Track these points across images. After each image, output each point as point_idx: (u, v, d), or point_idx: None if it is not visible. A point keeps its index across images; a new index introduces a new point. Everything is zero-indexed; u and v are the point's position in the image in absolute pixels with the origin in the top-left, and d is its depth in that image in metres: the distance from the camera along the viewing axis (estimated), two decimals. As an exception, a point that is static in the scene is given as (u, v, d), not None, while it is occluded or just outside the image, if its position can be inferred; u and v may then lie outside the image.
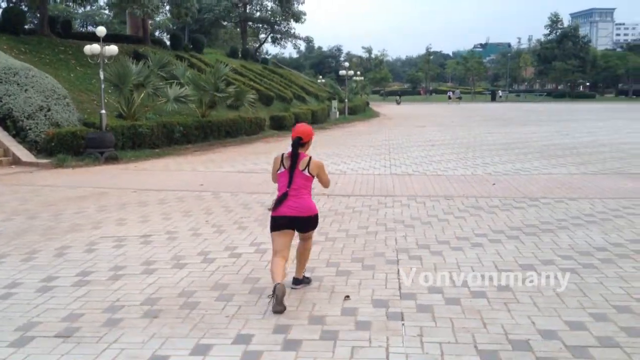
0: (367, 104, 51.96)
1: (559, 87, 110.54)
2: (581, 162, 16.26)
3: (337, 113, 38.42)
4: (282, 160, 5.74)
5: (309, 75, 73.01)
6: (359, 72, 46.88)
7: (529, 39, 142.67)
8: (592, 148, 19.99)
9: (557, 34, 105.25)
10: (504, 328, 4.89)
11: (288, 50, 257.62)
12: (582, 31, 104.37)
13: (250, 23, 50.16)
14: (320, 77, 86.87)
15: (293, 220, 5.69)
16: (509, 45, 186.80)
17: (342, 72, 42.90)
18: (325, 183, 5.94)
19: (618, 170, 14.63)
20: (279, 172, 5.78)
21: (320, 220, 8.20)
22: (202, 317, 5.25)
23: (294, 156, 5.67)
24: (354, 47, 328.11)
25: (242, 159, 17.54)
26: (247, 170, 15.10)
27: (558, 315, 5.16)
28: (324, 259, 7.08)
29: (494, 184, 12.43)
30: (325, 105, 37.81)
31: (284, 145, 21.88)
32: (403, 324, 5.02)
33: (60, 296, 5.85)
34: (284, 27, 52.24)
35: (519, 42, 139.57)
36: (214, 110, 23.99)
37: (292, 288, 5.92)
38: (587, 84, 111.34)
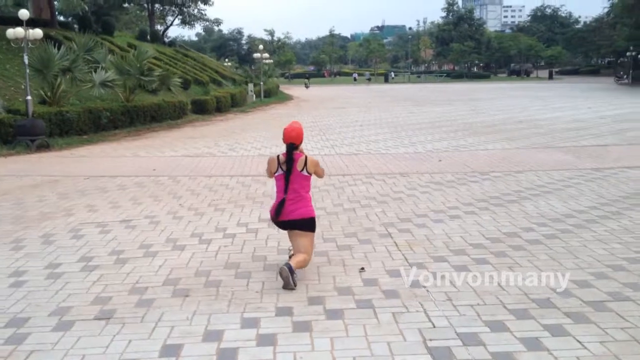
0: (278, 87, 52.05)
1: (456, 68, 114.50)
2: (508, 137, 17.19)
3: (254, 96, 38.39)
4: (279, 163, 5.84)
5: (212, 58, 72.17)
6: (267, 55, 46.75)
7: (424, 22, 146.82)
8: (511, 125, 21.09)
9: (454, 16, 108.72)
10: (521, 289, 5.32)
11: (186, 32, 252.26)
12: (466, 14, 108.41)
13: (157, 5, 48.96)
14: (226, 60, 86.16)
15: (290, 224, 5.83)
16: (404, 27, 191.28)
17: (257, 55, 42.87)
18: (321, 175, 6.12)
19: (545, 144, 15.61)
20: (276, 174, 5.88)
21: None
22: (232, 294, 5.39)
23: (290, 160, 5.78)
24: (257, 30, 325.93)
25: (181, 143, 17.38)
26: (193, 155, 15.03)
27: (563, 276, 5.64)
28: (317, 233, 7.30)
29: (440, 161, 13.00)
30: (243, 88, 37.66)
31: (214, 129, 21.82)
32: (428, 290, 5.36)
33: (75, 281, 5.83)
34: (193, 9, 51.35)
35: (418, 24, 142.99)
36: (134, 95, 23.47)
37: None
38: (481, 64, 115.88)
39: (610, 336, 4.32)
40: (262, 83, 41.01)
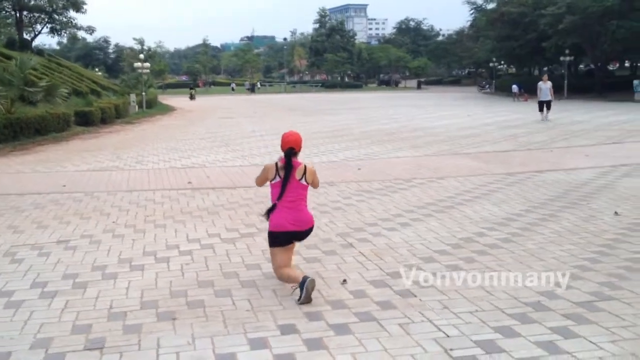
0: (157, 97, 50.64)
1: (328, 78, 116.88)
2: (412, 145, 17.70)
3: (137, 107, 37.15)
4: (277, 170, 5.63)
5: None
6: (147, 64, 45.42)
7: (294, 33, 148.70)
8: (408, 133, 21.75)
9: (326, 28, 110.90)
10: (509, 293, 5.48)
11: (47, 41, 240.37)
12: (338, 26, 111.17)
13: (25, 12, 46.21)
14: (97, 70, 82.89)
15: (294, 236, 5.67)
16: (274, 38, 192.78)
17: (137, 64, 41.52)
18: (316, 186, 5.93)
19: (450, 151, 16.22)
20: (273, 181, 5.67)
21: (240, 211, 8.34)
22: (223, 314, 5.17)
23: (289, 167, 5.60)
24: (123, 38, 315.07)
25: (78, 157, 16.46)
26: (99, 169, 14.28)
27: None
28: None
29: (359, 169, 13.16)
30: (125, 99, 36.29)
31: (107, 142, 20.86)
32: (421, 299, 5.39)
33: (39, 309, 5.36)
34: (64, 17, 48.87)
35: (292, 35, 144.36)
36: (14, 107, 21.95)
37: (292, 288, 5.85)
38: (352, 74, 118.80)
39: (618, 335, 4.52)
40: (144, 94, 39.73)
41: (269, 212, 5.69)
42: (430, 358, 4.26)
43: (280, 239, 5.63)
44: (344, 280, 5.95)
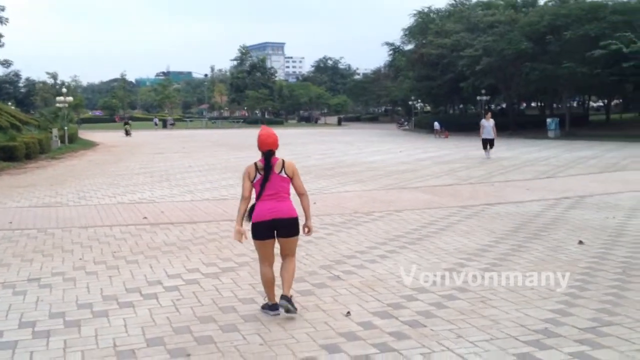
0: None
1: (246, 114, 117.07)
2: (357, 180, 17.90)
3: (59, 142, 35.98)
4: (257, 169, 5.72)
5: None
6: (70, 98, 44.23)
7: (212, 69, 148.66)
8: (347, 168, 21.99)
9: (247, 65, 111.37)
10: (514, 321, 5.61)
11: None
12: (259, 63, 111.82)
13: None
14: (9, 103, 79.84)
15: (275, 224, 5.68)
16: (191, 73, 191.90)
17: (60, 98, 40.38)
18: (300, 187, 5.91)
19: (397, 185, 16.51)
20: (255, 180, 5.73)
21: (210, 245, 8.24)
22: (237, 349, 5.07)
23: (267, 166, 5.70)
24: (34, 72, 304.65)
25: (15, 193, 15.76)
26: (42, 205, 13.72)
27: (549, 297, 6.05)
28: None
29: (314, 203, 13.16)
30: (47, 133, 35.08)
31: (38, 178, 20.06)
32: (431, 329, 5.45)
33: (39, 350, 5.11)
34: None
35: (211, 71, 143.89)
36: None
37: (274, 315, 5.84)
38: (272, 111, 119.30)
39: (637, 359, 4.70)
40: (65, 128, 38.58)
41: (251, 211, 5.73)
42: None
43: (260, 230, 5.69)
44: (348, 313, 5.92)
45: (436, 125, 49.72)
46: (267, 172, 5.69)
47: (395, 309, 6.02)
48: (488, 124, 25.14)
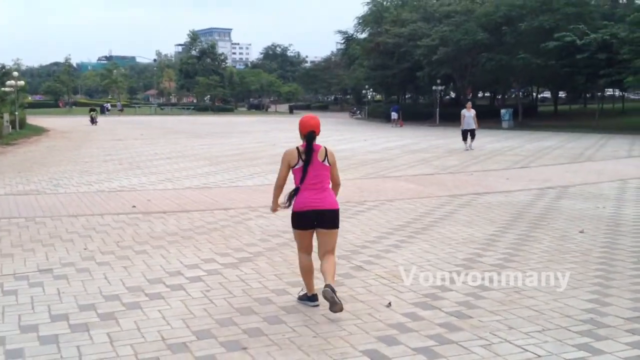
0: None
1: (194, 101, 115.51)
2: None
3: (10, 127, 34.79)
4: (299, 154, 5.54)
5: None
6: (22, 82, 42.70)
7: (158, 54, 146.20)
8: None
9: (197, 50, 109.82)
10: (559, 312, 5.67)
11: None
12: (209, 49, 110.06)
13: None
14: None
15: (317, 215, 5.53)
16: (134, 58, 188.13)
17: (10, 82, 38.95)
18: (337, 177, 5.80)
19: (379, 174, 16.53)
20: (296, 166, 5.56)
21: (215, 234, 8.10)
22: (292, 341, 4.96)
23: (309, 149, 5.53)
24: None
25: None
26: (17, 192, 13.23)
27: (580, 287, 6.11)
28: (280, 272, 6.97)
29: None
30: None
31: None
32: (480, 320, 5.45)
33: (84, 344, 4.88)
34: None
35: (160, 56, 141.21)
36: None
37: (313, 306, 5.76)
38: (221, 98, 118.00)
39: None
40: (16, 113, 37.30)
41: (292, 196, 5.56)
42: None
43: (303, 220, 5.54)
44: (389, 304, 5.87)
45: (394, 115, 49.98)
46: (309, 157, 5.50)
47: (433, 299, 5.99)
48: (469, 114, 24.24)
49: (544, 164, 19.29)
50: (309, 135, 5.53)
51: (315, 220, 5.53)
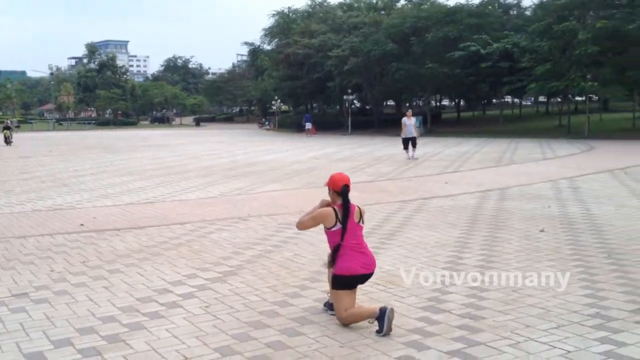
0: None
1: (92, 115, 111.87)
2: (271, 179, 17.71)
3: None
4: (336, 216, 5.40)
5: None
6: None
7: (53, 68, 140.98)
8: (248, 167, 21.70)
9: (96, 63, 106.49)
10: (564, 308, 5.84)
11: None
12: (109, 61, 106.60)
13: None
14: None
15: (362, 279, 5.51)
16: (25, 73, 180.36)
17: None
18: None
19: (318, 183, 16.41)
20: (333, 229, 5.44)
21: (182, 249, 7.93)
22: (322, 352, 4.88)
23: (347, 207, 5.43)
24: None
25: None
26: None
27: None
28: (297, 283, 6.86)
29: (248, 215, 12.93)
30: None
31: None
32: (494, 320, 5.55)
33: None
34: None
35: (56, 69, 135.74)
36: None
37: (332, 314, 5.75)
38: (120, 112, 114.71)
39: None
40: None
41: (334, 257, 5.44)
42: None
43: (350, 283, 5.43)
44: (392, 310, 5.81)
45: (308, 125, 50.21)
46: (347, 216, 5.38)
47: (438, 303, 6.04)
48: (410, 123, 23.82)
49: (472, 168, 19.94)
50: (345, 189, 5.44)
51: (359, 281, 5.50)
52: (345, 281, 5.39)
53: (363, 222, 5.57)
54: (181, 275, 7.29)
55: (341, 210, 5.39)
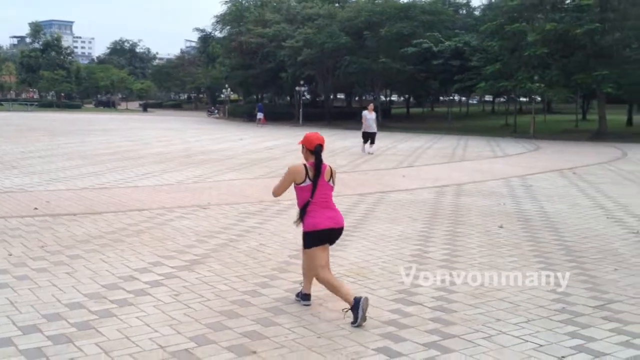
0: None
1: (35, 96, 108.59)
2: (229, 168, 17.56)
3: None
4: (306, 173, 5.48)
5: None
6: None
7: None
8: (204, 156, 21.41)
9: (40, 43, 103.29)
10: (533, 303, 5.99)
11: None
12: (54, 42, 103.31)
13: None
14: None
15: (331, 233, 5.55)
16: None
17: None
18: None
19: (275, 174, 16.46)
20: (303, 184, 5.49)
21: (144, 237, 7.83)
22: (299, 342, 4.89)
23: (319, 165, 5.51)
24: None
25: None
26: None
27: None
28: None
29: (208, 204, 12.79)
30: None
31: None
32: (465, 314, 5.65)
33: (77, 357, 4.48)
34: None
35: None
36: None
37: (305, 305, 5.77)
38: (63, 94, 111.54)
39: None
40: None
41: (302, 215, 5.49)
42: (554, 364, 4.51)
43: (319, 238, 5.47)
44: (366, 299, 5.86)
45: (259, 115, 49.90)
46: (318, 174, 5.44)
47: (409, 295, 6.11)
48: (370, 117, 22.84)
49: (427, 163, 20.20)
50: (318, 148, 5.47)
51: (328, 238, 5.48)
52: (315, 236, 5.44)
53: (334, 183, 5.61)
54: (146, 262, 7.17)
55: (313, 168, 5.44)
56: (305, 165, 5.50)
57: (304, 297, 5.72)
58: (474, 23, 46.69)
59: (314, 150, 5.48)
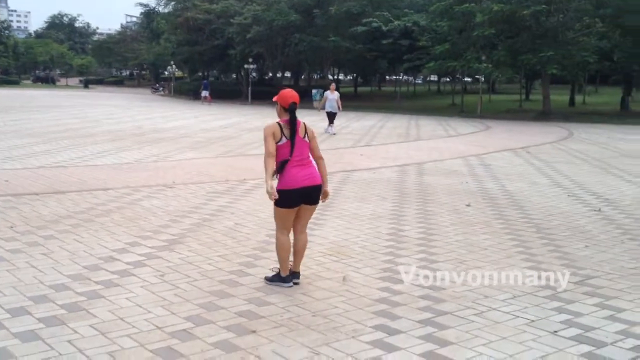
0: None
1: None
2: (187, 147, 17.34)
3: None
4: (281, 130, 5.44)
5: None
6: None
7: None
8: (157, 134, 21.05)
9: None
10: (514, 287, 6.14)
11: None
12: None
13: None
14: None
15: (306, 191, 5.52)
16: None
17: None
18: (318, 150, 5.71)
19: (235, 152, 16.39)
20: (280, 143, 5.44)
21: (115, 216, 7.74)
22: (296, 321, 4.89)
23: (293, 123, 5.47)
24: None
25: None
26: None
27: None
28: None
29: (173, 183, 12.62)
30: None
31: None
32: (454, 291, 5.76)
33: (75, 339, 4.38)
34: None
35: None
36: None
37: (294, 284, 5.79)
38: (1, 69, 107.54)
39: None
40: None
41: (278, 172, 5.48)
42: (552, 341, 4.65)
43: (292, 197, 5.46)
44: (344, 278, 5.94)
45: (204, 93, 49.16)
46: (294, 131, 5.43)
47: (394, 274, 6.16)
48: (332, 97, 22.11)
49: (383, 142, 20.36)
50: (292, 106, 5.43)
51: (303, 196, 5.44)
52: (287, 196, 5.41)
53: (309, 139, 5.56)
54: (123, 243, 7.04)
55: (288, 125, 5.40)
56: (279, 123, 5.45)
57: (283, 279, 5.66)
58: (423, 3, 46.88)
59: (288, 108, 5.43)
